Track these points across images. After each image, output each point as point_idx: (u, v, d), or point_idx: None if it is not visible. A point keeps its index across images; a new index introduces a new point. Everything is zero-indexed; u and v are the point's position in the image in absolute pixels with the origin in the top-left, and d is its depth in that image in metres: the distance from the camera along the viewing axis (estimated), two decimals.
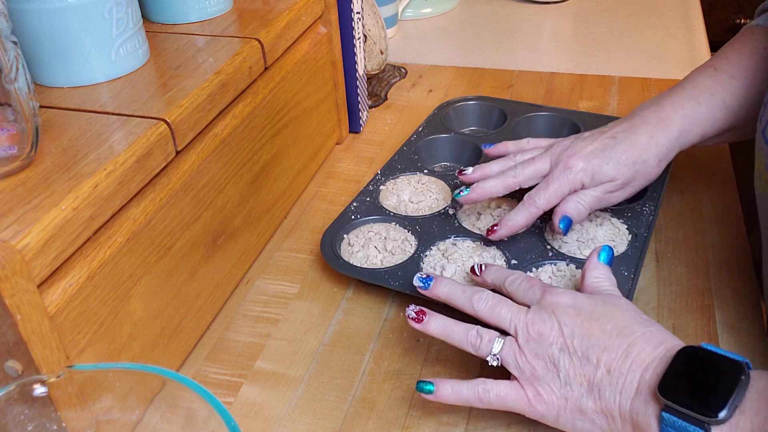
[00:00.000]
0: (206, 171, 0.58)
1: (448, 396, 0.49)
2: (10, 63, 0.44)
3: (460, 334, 0.50)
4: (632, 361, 0.44)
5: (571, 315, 0.48)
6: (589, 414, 0.45)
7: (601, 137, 0.63)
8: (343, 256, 0.64)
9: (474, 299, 0.51)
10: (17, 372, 0.43)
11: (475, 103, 0.86)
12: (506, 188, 0.64)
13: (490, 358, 0.49)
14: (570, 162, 0.61)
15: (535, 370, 0.47)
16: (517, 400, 0.47)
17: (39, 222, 0.42)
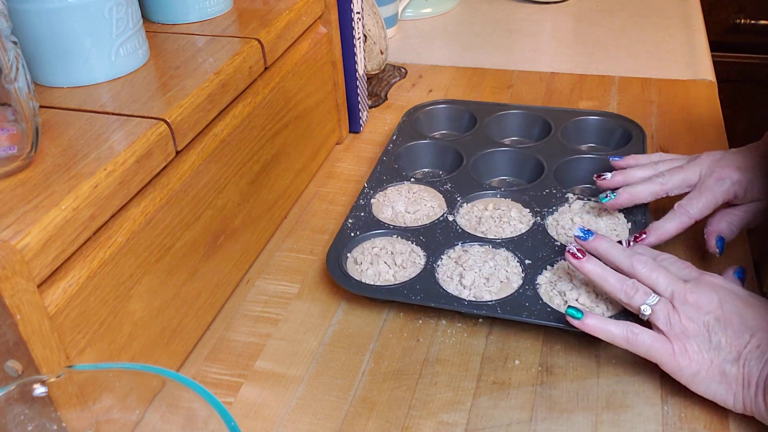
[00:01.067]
0: (206, 171, 0.58)
1: (594, 327, 0.52)
2: (10, 63, 0.44)
3: (616, 281, 0.54)
4: None
5: (730, 295, 0.51)
6: (728, 378, 0.49)
7: (750, 153, 0.62)
8: (352, 275, 0.63)
9: (635, 258, 0.54)
10: (17, 372, 0.43)
11: (444, 107, 0.86)
12: (653, 195, 0.64)
13: (643, 308, 0.52)
14: (724, 173, 0.61)
15: (686, 329, 0.50)
16: (661, 350, 0.51)
17: (39, 222, 0.42)
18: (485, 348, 0.58)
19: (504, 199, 0.71)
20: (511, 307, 0.58)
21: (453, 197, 0.71)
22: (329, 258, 0.64)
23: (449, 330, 0.60)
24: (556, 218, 0.68)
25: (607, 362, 0.57)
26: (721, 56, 1.51)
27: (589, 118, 0.81)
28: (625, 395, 0.54)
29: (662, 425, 0.52)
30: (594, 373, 0.56)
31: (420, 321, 0.61)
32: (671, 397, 0.53)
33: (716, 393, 0.50)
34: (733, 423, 0.51)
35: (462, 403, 0.54)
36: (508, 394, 0.54)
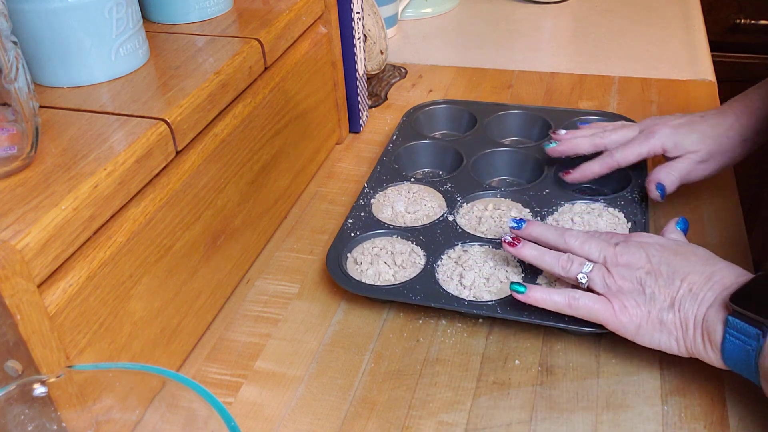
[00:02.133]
0: (206, 171, 0.58)
1: (539, 298, 0.55)
2: (10, 63, 0.44)
3: (552, 258, 0.56)
4: (714, 282, 0.50)
5: (658, 249, 0.54)
6: (667, 325, 0.51)
7: (691, 116, 0.68)
8: (352, 275, 0.63)
9: (566, 235, 0.57)
10: (17, 372, 0.43)
11: (444, 107, 0.86)
12: (593, 146, 0.69)
13: (580, 276, 0.55)
14: (655, 129, 0.67)
15: (621, 287, 0.53)
16: (603, 311, 0.53)
17: (39, 222, 0.42)
18: (485, 348, 0.58)
19: (504, 199, 0.71)
20: (511, 307, 0.58)
21: (453, 197, 0.71)
22: (329, 258, 0.64)
23: (449, 330, 0.60)
24: (556, 218, 0.68)
25: (607, 362, 0.57)
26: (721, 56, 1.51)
27: (589, 118, 0.81)
28: (625, 395, 0.54)
29: (662, 425, 0.52)
30: (594, 373, 0.56)
31: (420, 321, 0.61)
32: (671, 397, 0.53)
33: (660, 342, 0.52)
34: (733, 422, 0.51)
35: (462, 403, 0.54)
36: (508, 394, 0.54)
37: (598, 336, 0.58)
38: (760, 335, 0.45)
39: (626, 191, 0.70)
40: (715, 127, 0.65)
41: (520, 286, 0.55)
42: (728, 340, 0.47)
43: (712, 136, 0.65)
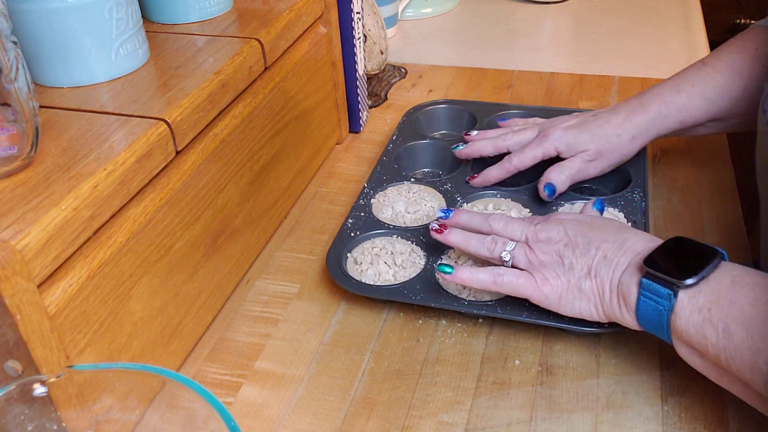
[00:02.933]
0: (206, 171, 0.58)
1: (466, 277, 0.56)
2: (10, 63, 0.44)
3: (478, 241, 0.58)
4: (626, 249, 0.53)
5: (574, 223, 0.56)
6: (586, 292, 0.53)
7: (584, 115, 0.71)
8: (352, 275, 0.63)
9: (490, 219, 0.60)
10: (17, 372, 0.43)
11: (443, 107, 0.86)
12: (496, 149, 0.72)
13: (504, 255, 0.57)
14: (548, 131, 0.69)
15: (542, 261, 0.55)
16: (526, 284, 0.55)
17: (39, 222, 0.42)
18: (485, 348, 0.58)
19: (504, 199, 0.71)
20: (511, 307, 0.58)
21: (453, 197, 0.71)
22: (329, 258, 0.64)
23: (449, 330, 0.60)
24: None
25: (607, 362, 0.57)
26: None
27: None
28: (625, 395, 0.54)
29: (662, 425, 0.52)
30: (594, 373, 0.56)
31: (420, 321, 0.61)
32: (671, 397, 0.53)
33: (581, 309, 0.54)
34: (733, 422, 0.51)
35: (462, 403, 0.54)
36: (508, 394, 0.54)
37: (598, 336, 0.58)
38: (672, 295, 0.47)
39: (626, 191, 0.70)
40: (604, 126, 0.68)
41: (447, 267, 0.57)
42: (642, 301, 0.49)
43: (600, 135, 0.68)
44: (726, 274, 0.47)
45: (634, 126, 0.68)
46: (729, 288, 0.46)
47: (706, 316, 0.46)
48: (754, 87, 0.67)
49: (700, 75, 0.68)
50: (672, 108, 0.68)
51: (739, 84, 0.67)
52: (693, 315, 0.47)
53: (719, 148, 0.81)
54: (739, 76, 0.67)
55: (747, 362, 0.44)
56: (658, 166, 0.78)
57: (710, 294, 0.46)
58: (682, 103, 0.68)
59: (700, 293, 0.47)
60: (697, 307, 0.46)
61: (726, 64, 0.68)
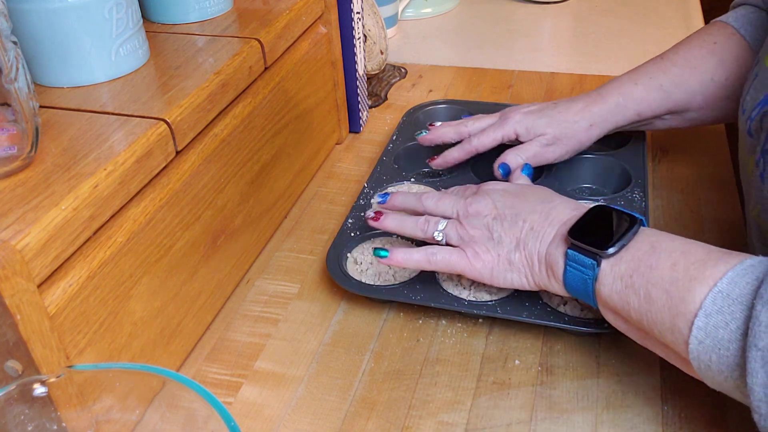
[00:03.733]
0: (206, 171, 0.58)
1: (401, 259, 0.57)
2: (10, 63, 0.44)
3: (412, 223, 0.59)
4: (552, 218, 0.54)
5: (502, 194, 0.58)
6: (516, 264, 0.55)
7: (546, 103, 0.72)
8: (352, 275, 0.63)
9: (422, 197, 0.60)
10: (17, 372, 0.43)
11: (443, 107, 0.86)
12: (458, 135, 0.73)
13: (436, 234, 0.57)
14: (509, 115, 0.71)
15: (473, 236, 0.56)
16: (459, 260, 0.56)
17: (39, 222, 0.42)
18: (485, 348, 0.58)
19: None
20: (511, 307, 0.58)
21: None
22: (329, 258, 0.64)
23: (449, 330, 0.60)
24: None
25: (607, 362, 0.57)
26: None
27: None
28: (625, 395, 0.54)
29: (662, 425, 0.52)
30: (594, 373, 0.56)
31: (420, 321, 0.61)
32: (671, 397, 0.53)
33: (513, 280, 0.55)
34: (732, 422, 0.51)
35: (462, 403, 0.54)
36: (508, 394, 0.54)
37: (598, 336, 0.58)
38: (595, 264, 0.49)
39: (626, 191, 0.70)
40: (563, 112, 0.69)
41: (382, 251, 0.58)
42: (568, 271, 0.51)
43: (559, 120, 0.69)
44: (645, 241, 0.49)
45: (592, 114, 0.69)
46: (649, 254, 0.47)
47: (628, 282, 0.47)
48: (709, 81, 0.68)
49: (658, 68, 0.70)
50: (629, 99, 0.69)
51: (695, 78, 0.69)
52: (616, 282, 0.48)
53: (719, 148, 0.81)
54: (696, 69, 0.69)
55: (668, 325, 0.45)
56: (658, 165, 0.78)
57: (631, 261, 0.48)
58: (639, 94, 0.69)
59: (622, 261, 0.48)
60: (620, 275, 0.48)
61: (683, 58, 0.70)
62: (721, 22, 0.71)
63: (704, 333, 0.42)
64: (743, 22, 0.69)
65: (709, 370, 0.44)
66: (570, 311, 0.58)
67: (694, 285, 0.44)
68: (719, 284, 0.43)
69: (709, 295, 0.43)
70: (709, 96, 0.69)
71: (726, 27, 0.70)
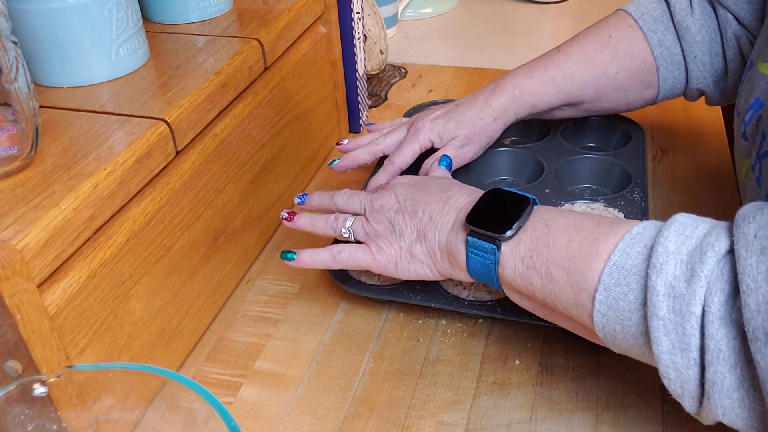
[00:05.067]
0: (206, 171, 0.58)
1: (308, 260, 0.58)
2: (10, 63, 0.44)
3: (323, 222, 0.60)
4: (449, 206, 0.54)
5: (405, 187, 0.58)
6: (418, 256, 0.55)
7: (448, 105, 0.73)
8: (352, 275, 0.63)
9: (334, 196, 0.61)
10: (17, 372, 0.43)
11: None
12: (372, 155, 0.72)
13: (343, 230, 0.58)
14: (418, 125, 0.71)
15: (377, 231, 0.57)
16: (364, 256, 0.57)
17: (39, 222, 0.42)
18: (485, 348, 0.58)
19: None
20: (511, 307, 0.58)
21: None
22: None
23: (449, 330, 0.60)
24: None
25: (607, 362, 0.57)
26: None
27: (589, 118, 0.81)
28: (625, 395, 0.54)
29: (662, 425, 0.52)
30: (594, 373, 0.56)
31: (420, 321, 0.61)
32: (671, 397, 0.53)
33: (417, 272, 0.55)
34: None
35: (462, 403, 0.54)
36: (508, 394, 0.54)
37: None
38: (495, 249, 0.49)
39: (626, 191, 0.70)
40: (467, 112, 0.70)
41: (290, 253, 0.58)
42: (471, 258, 0.51)
43: (465, 121, 0.70)
44: (539, 220, 0.49)
45: (492, 109, 0.70)
46: (545, 233, 0.48)
47: (529, 263, 0.48)
48: (601, 75, 0.70)
49: (553, 61, 0.72)
50: (524, 92, 0.71)
51: (587, 71, 0.70)
52: (517, 265, 0.49)
53: (719, 148, 0.81)
54: (589, 64, 0.70)
55: (571, 301, 0.46)
56: (657, 165, 0.78)
57: (529, 242, 0.48)
58: (533, 87, 0.71)
59: (521, 243, 0.49)
60: (520, 257, 0.49)
61: (578, 51, 0.71)
62: (623, 12, 0.72)
63: (606, 306, 0.43)
64: (643, 13, 0.70)
65: (615, 340, 0.45)
66: None
67: (590, 260, 0.44)
68: (612, 257, 0.43)
69: (606, 269, 0.43)
70: (601, 88, 0.71)
71: (626, 18, 0.71)
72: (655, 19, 0.70)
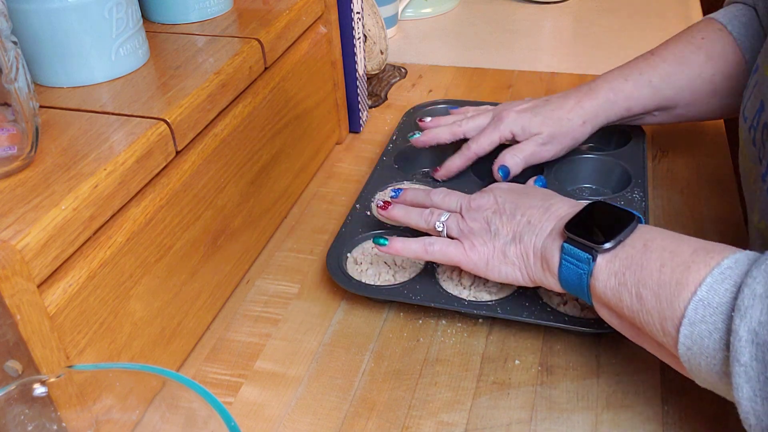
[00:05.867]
0: (206, 171, 0.58)
1: (399, 248, 0.58)
2: (10, 63, 0.44)
3: (417, 214, 0.60)
4: (550, 213, 0.54)
5: (505, 191, 0.58)
6: (510, 257, 0.55)
7: (537, 100, 0.72)
8: (352, 275, 0.63)
9: (431, 193, 0.61)
10: (17, 372, 0.43)
11: (444, 107, 0.86)
12: (452, 135, 0.73)
13: (437, 224, 0.58)
14: (503, 115, 0.71)
15: (472, 228, 0.56)
16: (455, 251, 0.56)
17: (39, 222, 0.42)
18: (485, 348, 0.58)
19: None
20: (511, 307, 0.58)
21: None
22: (329, 258, 0.64)
23: (449, 330, 0.60)
24: None
25: (607, 362, 0.57)
26: None
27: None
28: (625, 395, 0.54)
29: (662, 425, 0.52)
30: (594, 373, 0.56)
31: (420, 321, 0.61)
32: (671, 397, 0.53)
33: (507, 274, 0.55)
34: (733, 423, 0.51)
35: (462, 403, 0.54)
36: (508, 394, 0.54)
37: (598, 336, 0.58)
38: (591, 259, 0.49)
39: (626, 191, 0.70)
40: (556, 110, 0.70)
41: (383, 239, 0.59)
42: (564, 265, 0.51)
43: (553, 119, 0.69)
44: (639, 239, 0.48)
45: (584, 111, 0.69)
46: (641, 252, 0.47)
47: (621, 280, 0.47)
48: (697, 77, 0.69)
49: (648, 64, 0.71)
50: (620, 95, 0.70)
51: (683, 73, 0.69)
52: (610, 279, 0.48)
53: (719, 148, 0.81)
54: (684, 65, 0.69)
55: (658, 326, 0.45)
56: (658, 165, 0.78)
57: (625, 259, 0.48)
58: (629, 90, 0.70)
59: (617, 258, 0.48)
60: (614, 272, 0.48)
61: (672, 53, 0.70)
62: (710, 18, 0.71)
63: (691, 341, 0.42)
64: (731, 18, 0.70)
65: (700, 374, 0.44)
66: (570, 311, 0.58)
67: (679, 290, 0.43)
68: (699, 292, 0.42)
69: (691, 303, 0.42)
70: (696, 92, 0.70)
71: (714, 23, 0.70)
72: (744, 25, 0.69)
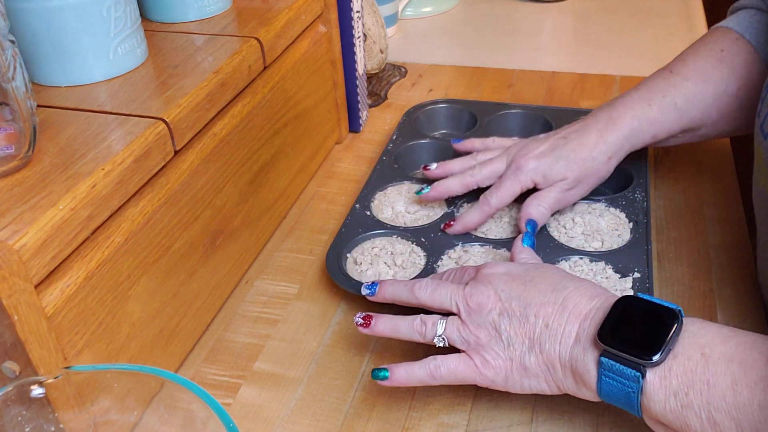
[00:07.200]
0: (205, 171, 0.57)
1: (403, 379, 0.50)
2: (7, 62, 0.44)
3: (407, 326, 0.52)
4: (569, 313, 0.47)
5: (506, 281, 0.50)
6: (533, 369, 0.47)
7: (554, 137, 0.66)
8: (352, 276, 0.63)
9: (415, 288, 0.53)
10: (15, 373, 0.42)
11: (444, 107, 0.86)
12: (465, 187, 0.67)
13: (436, 340, 0.50)
14: (521, 162, 0.64)
15: (479, 339, 0.49)
16: (466, 371, 0.49)
17: (36, 222, 0.42)
18: None
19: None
20: None
21: (453, 197, 0.71)
22: (329, 258, 0.64)
23: None
24: (557, 218, 0.67)
25: None
26: None
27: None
28: None
29: None
30: None
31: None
32: None
33: (532, 387, 0.48)
34: None
35: (462, 404, 0.54)
36: (509, 395, 0.54)
37: None
38: (639, 377, 0.42)
39: (627, 191, 0.69)
40: (578, 150, 0.64)
41: (381, 372, 0.50)
42: (604, 381, 0.44)
43: (577, 161, 0.63)
44: (693, 345, 0.42)
45: (608, 146, 0.64)
46: (702, 366, 0.41)
47: (684, 402, 0.41)
48: (723, 92, 0.64)
49: (669, 83, 0.66)
50: (645, 123, 0.65)
51: (709, 91, 0.65)
52: (669, 399, 0.42)
53: (721, 147, 0.81)
54: (709, 82, 0.65)
55: None
56: (659, 165, 0.78)
57: (682, 375, 0.42)
58: (654, 116, 0.65)
59: (671, 373, 0.42)
60: (672, 391, 0.42)
61: (693, 70, 0.65)
62: (723, 27, 0.67)
63: None
64: (746, 26, 0.66)
65: None
66: None
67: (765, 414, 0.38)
68: None
69: None
70: (722, 109, 0.65)
71: (730, 32, 0.66)
72: (760, 31, 0.64)
